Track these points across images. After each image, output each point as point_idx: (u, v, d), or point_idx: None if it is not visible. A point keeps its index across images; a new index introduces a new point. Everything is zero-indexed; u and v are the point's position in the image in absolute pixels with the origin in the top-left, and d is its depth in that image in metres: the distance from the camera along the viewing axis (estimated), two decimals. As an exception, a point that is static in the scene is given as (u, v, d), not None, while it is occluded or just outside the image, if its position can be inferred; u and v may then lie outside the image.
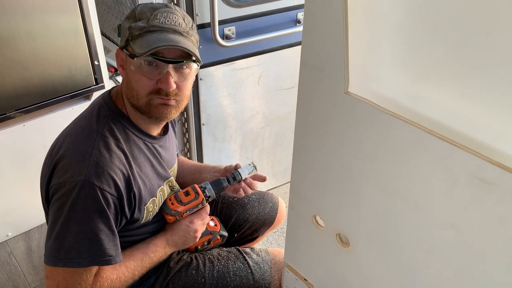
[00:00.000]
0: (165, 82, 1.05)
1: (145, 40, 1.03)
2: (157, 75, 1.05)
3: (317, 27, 0.79)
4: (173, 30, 1.05)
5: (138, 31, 1.04)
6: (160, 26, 1.04)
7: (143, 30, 1.04)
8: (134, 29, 1.04)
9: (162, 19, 1.04)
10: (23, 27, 1.50)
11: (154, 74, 1.05)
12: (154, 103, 1.08)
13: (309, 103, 0.90)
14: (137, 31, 1.04)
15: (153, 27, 1.03)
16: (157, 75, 1.05)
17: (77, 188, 1.00)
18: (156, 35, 1.03)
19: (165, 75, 1.05)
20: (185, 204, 1.23)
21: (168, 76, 1.05)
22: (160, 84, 1.05)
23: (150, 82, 1.06)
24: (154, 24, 1.03)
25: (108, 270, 1.09)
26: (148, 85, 1.06)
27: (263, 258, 1.39)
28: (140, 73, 1.05)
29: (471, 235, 0.71)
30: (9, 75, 1.54)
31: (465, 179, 0.67)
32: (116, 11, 2.06)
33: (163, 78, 1.05)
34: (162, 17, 1.04)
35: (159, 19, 1.04)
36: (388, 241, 0.87)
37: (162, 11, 1.05)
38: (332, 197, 0.96)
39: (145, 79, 1.05)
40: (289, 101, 2.26)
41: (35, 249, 1.93)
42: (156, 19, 1.04)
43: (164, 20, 1.04)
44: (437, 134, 0.69)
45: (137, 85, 1.07)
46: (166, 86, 1.05)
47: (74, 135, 1.09)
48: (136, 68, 1.05)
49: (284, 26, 1.99)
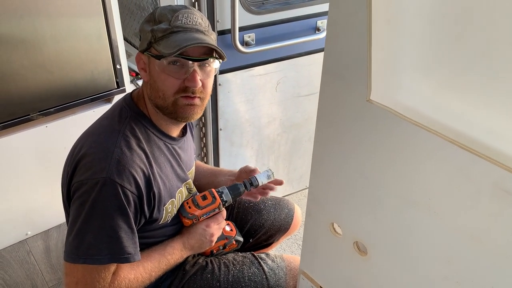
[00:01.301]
0: (192, 80, 1.08)
1: (171, 40, 1.05)
2: (183, 74, 1.09)
3: (340, 35, 0.80)
4: (196, 30, 1.08)
5: (161, 33, 1.07)
6: (183, 26, 1.07)
7: (167, 31, 1.06)
8: (157, 31, 1.07)
9: (183, 19, 1.07)
10: (48, 31, 1.54)
11: (180, 73, 1.09)
12: (180, 103, 1.11)
13: (330, 110, 0.90)
14: (161, 32, 1.07)
15: (176, 27, 1.07)
16: (183, 74, 1.09)
17: (98, 185, 1.02)
18: (181, 35, 1.06)
19: (192, 73, 1.08)
20: (202, 208, 1.24)
21: (194, 74, 1.08)
22: (187, 82, 1.09)
23: (177, 81, 1.09)
24: (177, 25, 1.07)
25: (126, 269, 1.10)
26: (175, 84, 1.09)
27: (278, 264, 1.39)
28: (166, 73, 1.08)
29: (492, 246, 0.70)
30: (33, 77, 1.58)
31: (487, 190, 0.67)
32: (138, 16, 2.09)
33: (190, 76, 1.08)
34: (183, 17, 1.08)
35: (181, 20, 1.07)
36: (407, 250, 0.87)
37: (183, 12, 1.08)
38: (350, 204, 0.95)
39: (172, 79, 1.09)
40: (306, 108, 2.26)
41: (53, 249, 1.96)
42: (178, 20, 1.07)
43: (186, 20, 1.08)
44: (459, 143, 0.68)
45: (163, 85, 1.09)
46: (193, 83, 1.08)
47: (97, 134, 1.11)
48: (161, 69, 1.08)
49: (304, 34, 1.99)
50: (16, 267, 1.88)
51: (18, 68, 1.53)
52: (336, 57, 0.83)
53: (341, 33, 0.79)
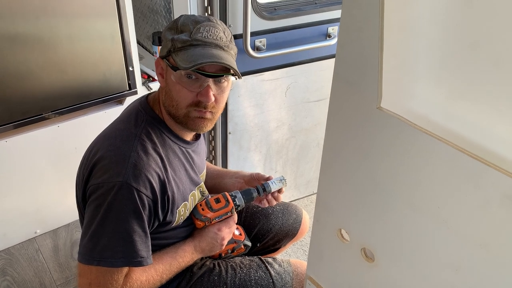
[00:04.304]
0: (205, 95, 1.08)
1: (188, 54, 1.05)
2: (197, 88, 1.09)
3: (352, 42, 0.80)
4: (215, 45, 1.07)
5: (181, 44, 1.07)
6: (203, 40, 1.06)
7: (186, 44, 1.06)
8: (177, 42, 1.07)
9: (204, 33, 1.07)
10: (64, 31, 1.56)
11: (195, 87, 1.09)
12: (192, 115, 1.11)
13: (340, 116, 0.90)
14: (180, 43, 1.07)
15: (196, 41, 1.06)
16: (197, 88, 1.09)
17: (115, 188, 1.03)
18: (199, 49, 1.06)
19: (205, 88, 1.08)
20: (215, 211, 1.26)
21: (208, 90, 1.08)
22: (200, 97, 1.09)
23: (191, 94, 1.09)
24: (197, 38, 1.06)
25: (138, 272, 1.11)
26: (189, 97, 1.09)
27: (285, 269, 1.39)
28: (181, 84, 1.09)
29: (501, 255, 0.70)
30: (47, 77, 1.60)
31: (497, 199, 0.67)
32: (151, 19, 2.11)
33: (203, 91, 1.08)
34: (204, 31, 1.07)
35: (201, 33, 1.06)
36: (414, 257, 0.87)
37: (205, 25, 1.07)
38: (359, 211, 0.95)
39: (186, 91, 1.09)
40: (315, 114, 2.27)
41: (61, 248, 1.98)
42: (199, 33, 1.06)
43: (207, 34, 1.07)
44: (469, 152, 0.68)
45: (178, 96, 1.10)
46: (206, 99, 1.08)
47: (113, 137, 1.12)
48: (177, 80, 1.09)
49: (314, 40, 2.00)
50: (25, 264, 1.90)
51: (34, 67, 1.56)
52: (348, 63, 0.83)
53: (353, 39, 0.80)
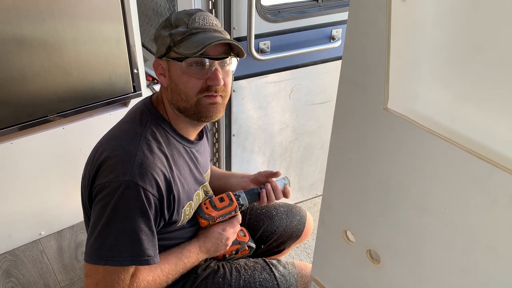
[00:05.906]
0: (214, 79, 1.11)
1: (192, 41, 1.09)
2: (205, 74, 1.11)
3: (358, 43, 0.81)
4: (213, 30, 1.12)
5: (180, 36, 1.10)
6: (201, 27, 1.11)
7: (186, 34, 1.10)
8: (176, 35, 1.10)
9: (200, 21, 1.11)
10: (69, 34, 1.57)
11: (202, 73, 1.11)
12: (203, 103, 1.13)
13: (346, 117, 0.91)
14: (180, 35, 1.10)
15: (195, 29, 1.10)
16: (205, 74, 1.11)
17: (121, 188, 1.03)
18: (201, 35, 1.10)
19: (214, 72, 1.11)
20: (219, 209, 1.26)
21: (217, 72, 1.11)
22: (210, 81, 1.11)
23: (199, 81, 1.12)
24: (195, 27, 1.10)
25: (144, 271, 1.11)
26: (197, 84, 1.12)
27: (289, 271, 1.39)
28: (188, 74, 1.11)
29: (508, 256, 0.70)
30: (53, 79, 1.61)
31: (504, 200, 0.67)
32: (156, 22, 2.12)
33: (212, 75, 1.11)
34: (200, 19, 1.11)
35: (198, 22, 1.11)
36: (420, 259, 0.87)
37: (199, 14, 1.12)
38: (364, 213, 0.95)
39: (194, 79, 1.11)
40: (319, 116, 2.27)
41: (66, 249, 1.98)
42: (196, 22, 1.11)
43: (203, 22, 1.12)
44: (476, 153, 0.69)
45: (186, 86, 1.12)
46: (216, 82, 1.11)
47: (118, 138, 1.13)
48: (183, 71, 1.11)
49: (318, 42, 2.01)
50: (30, 266, 1.90)
51: (39, 69, 1.57)
52: (354, 65, 0.83)
53: (359, 41, 0.80)
